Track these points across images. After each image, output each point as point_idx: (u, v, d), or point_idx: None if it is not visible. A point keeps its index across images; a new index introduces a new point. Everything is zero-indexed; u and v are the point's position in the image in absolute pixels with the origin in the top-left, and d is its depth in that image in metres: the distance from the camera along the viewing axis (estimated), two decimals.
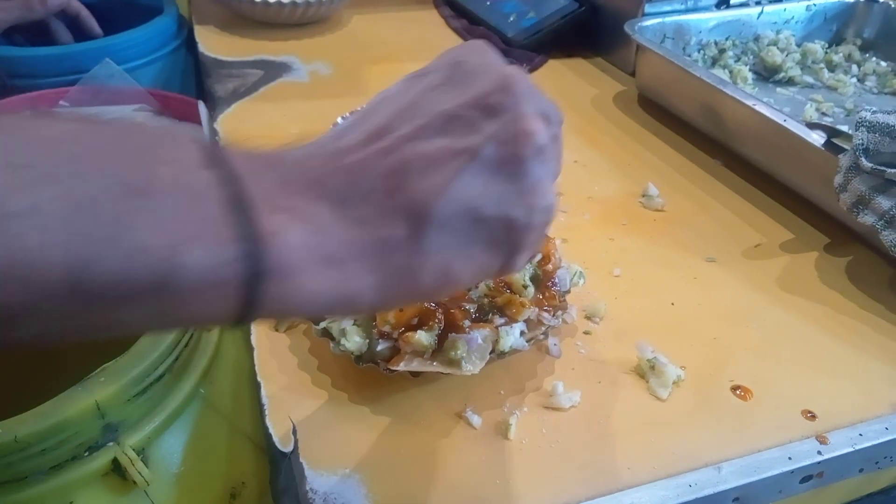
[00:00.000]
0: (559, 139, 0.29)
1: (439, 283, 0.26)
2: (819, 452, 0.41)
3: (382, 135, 0.25)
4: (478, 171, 0.25)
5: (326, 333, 0.42)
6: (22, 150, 0.20)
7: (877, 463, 0.43)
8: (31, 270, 0.18)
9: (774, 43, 0.88)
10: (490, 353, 0.40)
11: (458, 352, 0.38)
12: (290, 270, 0.22)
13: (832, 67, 0.89)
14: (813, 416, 0.43)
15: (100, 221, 0.19)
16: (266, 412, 0.41)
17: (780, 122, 0.60)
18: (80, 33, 0.85)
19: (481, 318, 0.41)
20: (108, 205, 0.20)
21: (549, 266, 0.45)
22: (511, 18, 0.93)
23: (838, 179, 0.53)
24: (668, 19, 0.84)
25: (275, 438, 0.39)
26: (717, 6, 0.88)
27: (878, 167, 0.50)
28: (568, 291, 0.46)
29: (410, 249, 0.25)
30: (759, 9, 0.89)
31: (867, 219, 0.51)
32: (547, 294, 0.43)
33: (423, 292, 0.26)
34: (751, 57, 0.88)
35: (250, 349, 0.45)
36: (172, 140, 0.23)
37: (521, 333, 0.41)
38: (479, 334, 0.39)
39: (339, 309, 0.25)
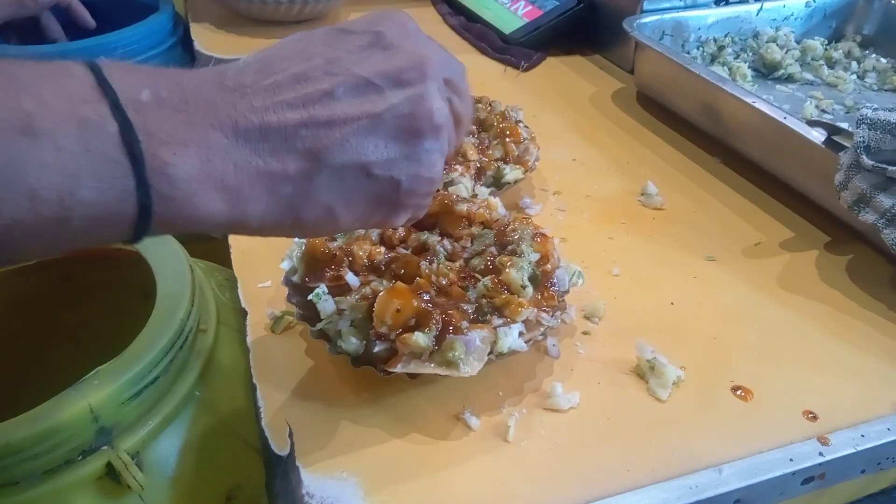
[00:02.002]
0: (465, 115, 0.34)
1: (321, 221, 0.29)
2: (821, 454, 0.40)
3: (298, 82, 0.28)
4: (376, 133, 0.29)
5: (323, 335, 0.41)
6: None
7: (879, 464, 0.43)
8: None
9: (774, 40, 0.88)
10: (488, 354, 0.39)
11: (456, 353, 0.38)
12: (183, 198, 0.25)
13: (832, 64, 0.89)
14: (814, 417, 0.43)
15: None
16: (262, 415, 0.40)
17: (780, 119, 0.59)
18: (73, 27, 0.84)
19: (479, 318, 0.40)
20: (2, 146, 0.20)
21: (548, 266, 0.44)
22: (509, 15, 0.93)
23: (839, 177, 0.53)
24: (667, 16, 0.83)
25: (271, 441, 0.39)
26: (717, 3, 0.88)
27: (880, 165, 0.50)
28: (567, 291, 0.45)
29: (300, 186, 0.28)
30: (758, 5, 0.88)
31: (868, 217, 0.51)
32: (545, 294, 0.43)
33: (306, 226, 0.29)
34: (750, 54, 0.87)
35: (246, 351, 0.45)
36: (64, 70, 0.23)
37: (520, 334, 0.41)
38: (478, 335, 0.39)
39: (229, 229, 0.28)
